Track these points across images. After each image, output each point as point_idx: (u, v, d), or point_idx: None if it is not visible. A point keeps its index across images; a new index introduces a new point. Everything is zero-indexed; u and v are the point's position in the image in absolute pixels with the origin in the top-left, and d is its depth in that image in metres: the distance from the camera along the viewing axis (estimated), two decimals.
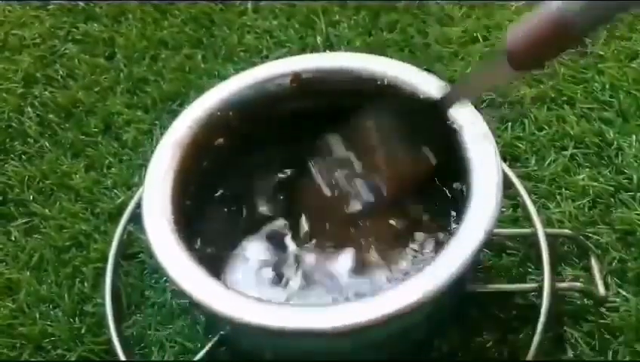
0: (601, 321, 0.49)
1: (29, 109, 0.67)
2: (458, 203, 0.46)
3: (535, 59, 0.41)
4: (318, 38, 0.68)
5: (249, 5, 0.72)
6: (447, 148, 0.47)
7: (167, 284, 0.53)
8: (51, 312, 0.53)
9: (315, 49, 0.67)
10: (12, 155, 0.63)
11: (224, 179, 0.52)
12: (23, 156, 0.63)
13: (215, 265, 0.49)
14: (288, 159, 0.54)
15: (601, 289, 0.48)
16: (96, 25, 0.73)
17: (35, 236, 0.57)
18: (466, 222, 0.42)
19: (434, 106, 0.46)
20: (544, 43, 0.39)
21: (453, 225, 0.47)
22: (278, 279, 0.48)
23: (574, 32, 0.38)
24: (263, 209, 0.52)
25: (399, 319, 0.39)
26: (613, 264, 0.51)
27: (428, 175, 0.49)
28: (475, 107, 0.47)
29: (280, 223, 0.51)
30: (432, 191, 0.51)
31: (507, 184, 0.53)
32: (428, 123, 0.48)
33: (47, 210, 0.59)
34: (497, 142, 0.45)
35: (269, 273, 0.48)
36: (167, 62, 0.69)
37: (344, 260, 0.48)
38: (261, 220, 0.52)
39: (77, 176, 0.61)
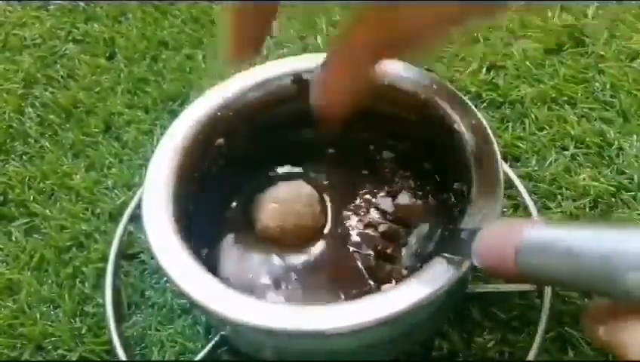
0: None
1: (30, 110, 0.67)
2: (459, 203, 0.46)
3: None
4: (319, 38, 0.68)
5: None
6: (447, 148, 0.47)
7: (168, 284, 0.53)
8: (52, 312, 0.53)
9: (315, 49, 0.67)
10: (12, 156, 0.64)
11: (224, 179, 0.52)
12: (24, 156, 0.63)
13: (215, 265, 0.49)
14: (288, 159, 0.54)
15: None
16: (96, 25, 0.73)
17: (36, 236, 0.58)
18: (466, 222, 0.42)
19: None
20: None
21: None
22: (279, 279, 0.48)
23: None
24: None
25: (400, 319, 0.39)
26: None
27: None
28: (476, 107, 0.47)
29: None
30: (433, 191, 0.51)
31: (508, 184, 0.53)
32: (428, 123, 0.48)
33: (47, 211, 0.59)
34: (498, 142, 0.45)
35: (269, 273, 0.48)
36: (167, 62, 0.69)
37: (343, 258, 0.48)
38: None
39: (77, 176, 0.61)
